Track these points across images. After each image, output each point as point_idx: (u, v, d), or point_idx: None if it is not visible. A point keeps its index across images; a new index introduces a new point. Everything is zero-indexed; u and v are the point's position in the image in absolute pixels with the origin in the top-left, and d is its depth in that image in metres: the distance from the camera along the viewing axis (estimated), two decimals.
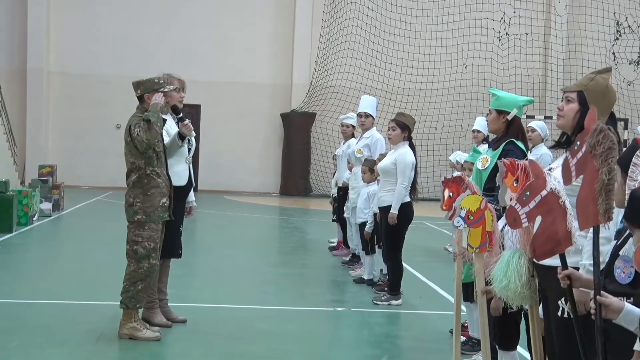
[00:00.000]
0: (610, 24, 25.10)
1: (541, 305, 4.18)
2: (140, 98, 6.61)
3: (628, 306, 2.92)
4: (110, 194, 21.16)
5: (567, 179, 3.34)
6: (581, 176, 3.27)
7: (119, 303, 6.51)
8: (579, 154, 3.27)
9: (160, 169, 6.54)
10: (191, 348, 6.41)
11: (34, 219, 14.50)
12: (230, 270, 10.63)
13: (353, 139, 10.70)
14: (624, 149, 3.35)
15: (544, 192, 3.58)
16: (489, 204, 4.55)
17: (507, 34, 24.84)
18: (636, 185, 3.25)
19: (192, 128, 6.99)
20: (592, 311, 3.01)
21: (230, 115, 24.70)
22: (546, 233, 3.51)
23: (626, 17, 25.07)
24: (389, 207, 8.22)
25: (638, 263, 2.67)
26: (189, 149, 7.07)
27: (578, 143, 3.28)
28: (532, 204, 3.61)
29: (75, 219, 16.28)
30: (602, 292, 3.07)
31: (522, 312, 4.66)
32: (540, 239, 3.56)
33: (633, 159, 3.41)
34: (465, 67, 24.38)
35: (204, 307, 8.07)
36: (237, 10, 24.63)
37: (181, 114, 7.04)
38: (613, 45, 25.13)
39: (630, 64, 25.19)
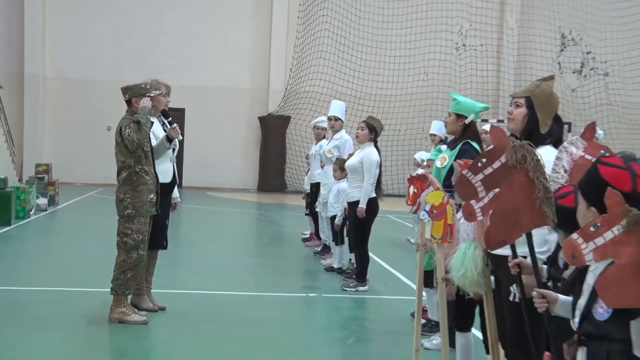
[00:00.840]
0: (556, 37, 25.32)
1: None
2: (129, 102, 6.59)
3: (561, 297, 2.97)
4: (102, 190, 21.00)
5: (469, 193, 3.21)
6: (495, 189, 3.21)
7: (109, 290, 6.50)
8: (488, 170, 3.17)
9: (148, 167, 6.53)
10: (176, 331, 6.39)
11: (31, 213, 14.37)
12: (212, 260, 10.60)
13: (324, 140, 10.71)
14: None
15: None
16: (450, 200, 4.58)
17: (464, 45, 24.99)
18: (560, 179, 3.27)
19: (180, 132, 6.99)
20: (537, 304, 3.04)
21: (212, 118, 24.62)
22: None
23: (570, 31, 25.31)
24: (357, 202, 8.24)
25: (567, 255, 2.69)
26: (173, 150, 7.07)
27: (484, 160, 3.17)
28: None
29: (69, 213, 16.15)
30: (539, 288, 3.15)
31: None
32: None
33: (557, 154, 3.43)
34: (427, 75, 24.47)
35: (188, 293, 8.04)
36: (219, 22, 24.54)
37: (170, 118, 7.03)
38: (558, 56, 25.36)
39: (573, 72, 25.42)
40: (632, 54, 24.82)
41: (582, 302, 2.75)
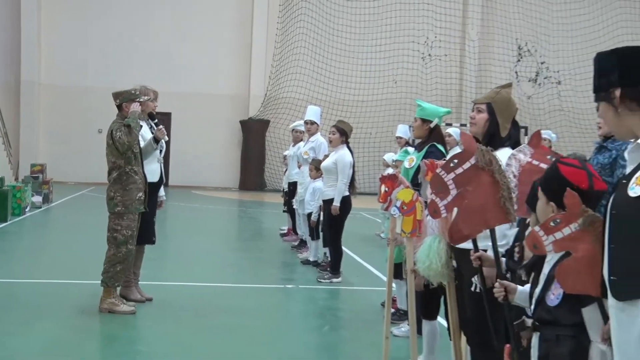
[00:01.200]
0: (513, 48, 25.50)
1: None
2: (119, 107, 6.55)
3: (520, 287, 3.00)
4: (93, 189, 20.81)
5: (443, 190, 3.25)
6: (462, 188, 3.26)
7: (99, 282, 6.45)
8: (459, 170, 3.23)
9: (137, 168, 6.50)
10: (162, 320, 6.35)
11: (26, 210, 14.19)
12: (196, 254, 10.54)
13: (302, 142, 10.69)
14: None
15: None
16: (420, 197, 4.58)
17: (429, 55, 25.08)
18: (513, 185, 3.31)
19: (166, 133, 6.96)
20: (497, 293, 3.06)
21: (197, 122, 24.49)
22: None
23: (526, 43, 25.50)
24: (332, 200, 8.24)
25: (529, 245, 2.74)
26: (160, 150, 7.02)
27: (456, 161, 3.24)
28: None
29: (62, 211, 15.98)
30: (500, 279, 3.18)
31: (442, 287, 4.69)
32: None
33: (507, 160, 3.45)
34: (395, 82, 24.53)
35: (173, 285, 7.99)
36: (203, 33, 24.42)
37: (156, 120, 7.00)
38: (516, 66, 25.54)
39: (529, 81, 25.62)
40: (581, 64, 24.98)
41: (537, 290, 2.81)
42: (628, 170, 2.37)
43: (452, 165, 3.17)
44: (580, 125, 23.94)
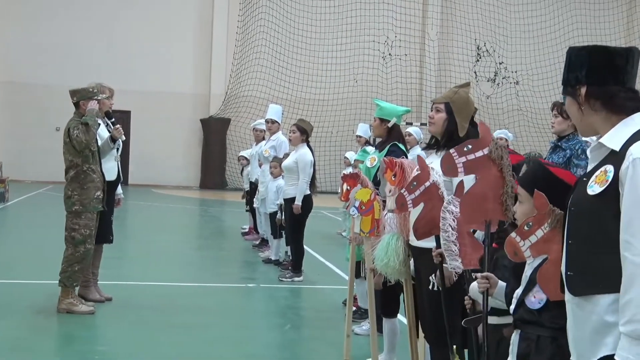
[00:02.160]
0: (472, 49, 25.79)
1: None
2: (77, 104, 6.46)
3: (500, 282, 3.01)
4: (51, 188, 20.46)
5: (452, 170, 3.23)
6: (464, 175, 3.25)
7: (57, 282, 6.35)
8: (471, 156, 3.19)
9: (95, 166, 6.43)
10: (122, 320, 6.28)
11: None
12: (156, 253, 10.44)
13: (263, 141, 10.66)
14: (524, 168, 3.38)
15: (427, 183, 3.63)
16: (377, 196, 4.61)
17: (390, 54, 25.23)
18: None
19: (123, 132, 6.90)
20: (481, 285, 3.04)
21: (157, 120, 24.26)
22: (426, 217, 3.55)
23: (485, 43, 25.82)
24: (293, 199, 8.24)
25: (509, 252, 2.69)
26: (118, 149, 6.97)
27: (470, 146, 3.20)
28: (417, 192, 3.65)
29: (19, 209, 15.70)
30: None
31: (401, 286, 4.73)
32: (422, 222, 3.60)
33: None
34: (356, 81, 24.62)
35: (132, 284, 7.91)
36: (164, 32, 24.19)
37: (113, 119, 6.93)
38: (474, 66, 25.84)
39: (488, 81, 25.94)
40: (538, 65, 25.49)
41: (519, 291, 2.78)
42: (589, 168, 2.39)
43: (465, 149, 3.17)
44: (537, 125, 24.31)
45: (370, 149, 7.35)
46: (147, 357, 5.31)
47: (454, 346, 3.62)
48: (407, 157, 5.11)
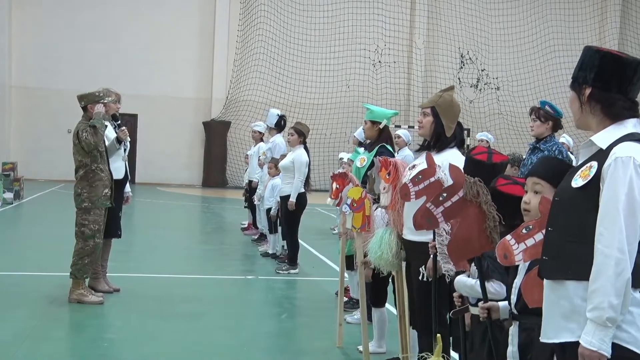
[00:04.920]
0: (456, 56, 25.82)
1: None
2: (84, 108, 6.44)
3: (501, 303, 2.89)
4: (63, 186, 20.39)
5: (432, 222, 3.13)
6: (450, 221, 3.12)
7: (69, 274, 6.33)
8: (447, 203, 3.07)
9: (103, 165, 6.41)
10: (129, 309, 6.26)
11: None
12: (161, 247, 10.42)
13: (262, 142, 10.64)
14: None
15: (432, 179, 3.60)
16: (368, 194, 4.61)
17: (379, 61, 25.24)
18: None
19: (128, 134, 6.88)
20: (481, 314, 2.96)
21: (162, 123, 24.19)
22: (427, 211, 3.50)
23: (468, 51, 25.85)
24: (289, 196, 8.23)
25: (499, 255, 2.55)
26: (125, 149, 6.94)
27: (445, 194, 3.09)
28: (421, 185, 3.62)
29: (33, 206, 15.63)
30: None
31: (390, 277, 4.73)
32: (418, 215, 3.56)
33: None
34: (348, 86, 24.61)
35: (139, 276, 7.88)
36: (168, 39, 24.11)
37: (119, 121, 6.90)
38: (458, 72, 25.86)
39: (471, 87, 25.97)
40: (517, 72, 25.56)
41: (517, 282, 2.68)
42: (579, 163, 2.39)
43: (441, 199, 3.06)
44: (517, 128, 24.34)
45: (361, 149, 7.35)
46: (153, 344, 5.29)
47: (438, 334, 3.60)
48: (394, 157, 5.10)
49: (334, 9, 24.43)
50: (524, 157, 5.91)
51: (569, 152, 7.11)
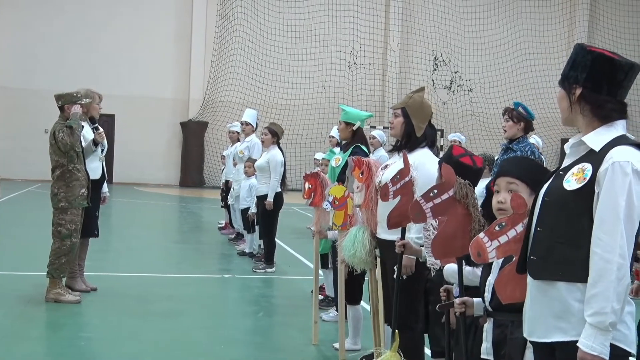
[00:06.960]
0: (430, 59, 25.97)
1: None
2: (61, 108, 6.38)
3: (476, 299, 2.89)
4: (40, 186, 20.13)
5: (420, 217, 3.10)
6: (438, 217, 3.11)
7: (45, 273, 6.27)
8: (437, 200, 3.05)
9: (79, 165, 6.35)
10: (106, 308, 6.20)
11: None
12: (138, 246, 10.34)
13: (238, 142, 10.62)
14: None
15: (407, 178, 3.62)
16: (350, 193, 4.61)
17: (355, 63, 25.29)
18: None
19: (105, 136, 6.84)
20: (457, 309, 2.93)
21: (139, 123, 23.99)
22: (400, 210, 3.52)
23: (441, 54, 26.01)
24: (265, 196, 8.21)
25: (473, 253, 2.53)
26: (102, 150, 6.89)
27: (435, 191, 3.07)
28: (398, 185, 3.65)
29: (9, 206, 15.42)
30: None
31: (364, 275, 4.74)
32: (395, 213, 3.56)
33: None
34: (324, 88, 24.63)
35: (117, 275, 7.82)
36: (146, 40, 23.91)
37: (96, 124, 6.84)
38: (432, 74, 26.01)
39: (444, 88, 26.14)
40: (489, 74, 25.77)
41: (491, 279, 2.67)
42: (566, 163, 2.34)
43: (431, 195, 3.06)
44: (489, 129, 24.55)
45: (336, 149, 7.36)
46: (130, 343, 5.25)
47: (396, 331, 3.59)
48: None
49: (310, 11, 24.45)
50: (496, 157, 5.96)
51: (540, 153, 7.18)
